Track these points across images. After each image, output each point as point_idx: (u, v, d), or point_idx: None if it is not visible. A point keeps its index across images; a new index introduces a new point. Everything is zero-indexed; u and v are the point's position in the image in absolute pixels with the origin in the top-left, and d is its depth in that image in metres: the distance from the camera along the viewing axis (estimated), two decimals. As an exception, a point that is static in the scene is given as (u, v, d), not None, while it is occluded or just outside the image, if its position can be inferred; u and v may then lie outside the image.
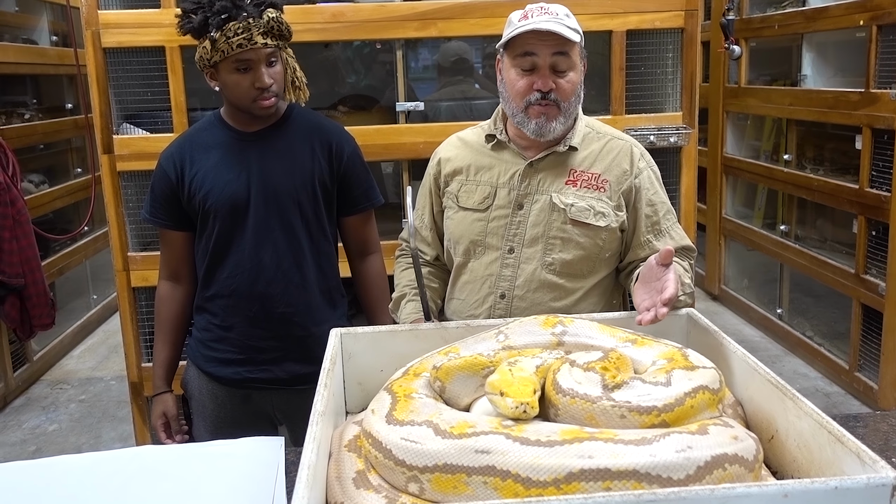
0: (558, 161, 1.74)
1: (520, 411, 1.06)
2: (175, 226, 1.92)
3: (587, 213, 1.70)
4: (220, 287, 1.90)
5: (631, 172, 1.74)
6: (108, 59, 2.75)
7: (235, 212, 1.85)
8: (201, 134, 1.91)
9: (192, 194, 1.86)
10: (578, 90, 1.69)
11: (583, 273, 1.73)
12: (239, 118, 1.87)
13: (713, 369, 1.14)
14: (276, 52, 1.80)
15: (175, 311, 1.98)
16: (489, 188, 1.75)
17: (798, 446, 1.10)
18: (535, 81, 1.64)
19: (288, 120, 1.91)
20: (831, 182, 3.84)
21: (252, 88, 1.78)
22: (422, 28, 2.82)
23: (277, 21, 1.77)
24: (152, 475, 1.41)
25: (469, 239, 1.76)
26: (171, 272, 1.97)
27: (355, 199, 1.98)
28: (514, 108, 1.69)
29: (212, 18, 1.72)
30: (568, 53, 1.64)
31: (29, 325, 3.80)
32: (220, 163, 1.86)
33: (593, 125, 1.81)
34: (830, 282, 3.88)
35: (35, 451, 3.52)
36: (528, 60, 1.64)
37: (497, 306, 1.74)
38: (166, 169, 1.88)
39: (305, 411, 1.92)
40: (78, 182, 4.87)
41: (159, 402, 1.98)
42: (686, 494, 0.88)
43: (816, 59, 4.08)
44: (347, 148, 1.95)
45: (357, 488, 1.07)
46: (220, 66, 1.77)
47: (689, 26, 2.86)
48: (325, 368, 1.28)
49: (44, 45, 4.80)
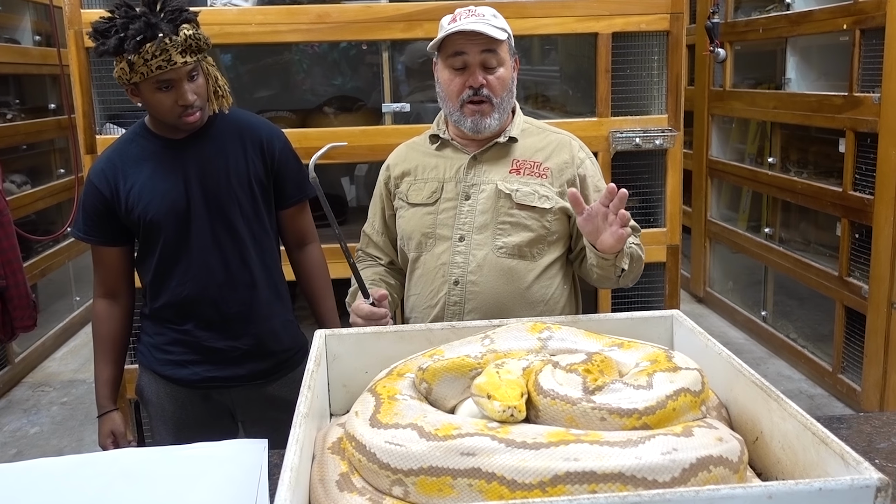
0: (500, 152, 1.83)
1: (507, 415, 1.06)
2: (109, 242, 1.89)
3: (532, 197, 1.78)
4: (170, 296, 1.88)
5: (573, 163, 1.84)
6: (90, 58, 2.73)
7: (178, 220, 1.83)
8: (129, 146, 1.88)
9: (130, 208, 1.83)
10: (510, 85, 1.79)
11: (532, 255, 1.80)
12: (165, 127, 1.85)
13: (696, 371, 1.13)
14: (196, 67, 1.77)
15: (114, 329, 1.95)
16: (436, 183, 1.83)
17: (782, 448, 1.10)
18: (467, 79, 1.74)
19: (215, 122, 1.89)
20: (815, 185, 3.86)
21: (175, 106, 1.75)
22: (408, 29, 2.81)
23: (195, 38, 1.73)
24: (133, 478, 1.39)
25: (420, 232, 1.83)
26: (107, 290, 1.94)
27: (290, 192, 1.98)
28: (451, 108, 1.79)
29: (127, 42, 1.67)
30: (496, 51, 1.74)
31: (10, 326, 3.75)
32: (155, 174, 1.83)
33: (531, 121, 1.92)
34: (814, 284, 3.91)
35: (16, 454, 3.48)
36: (459, 60, 1.74)
37: (452, 293, 1.79)
38: (98, 186, 1.84)
39: (264, 404, 1.95)
40: (61, 183, 4.83)
41: (107, 420, 1.94)
42: (671, 496, 0.87)
43: (800, 63, 4.10)
44: (278, 143, 1.95)
45: (340, 491, 1.06)
46: (142, 86, 1.74)
47: (674, 29, 2.87)
48: (308, 370, 1.27)
49: (27, 44, 4.76)
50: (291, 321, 2.03)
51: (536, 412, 1.09)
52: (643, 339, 1.35)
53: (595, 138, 2.89)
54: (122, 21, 1.70)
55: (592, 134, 2.89)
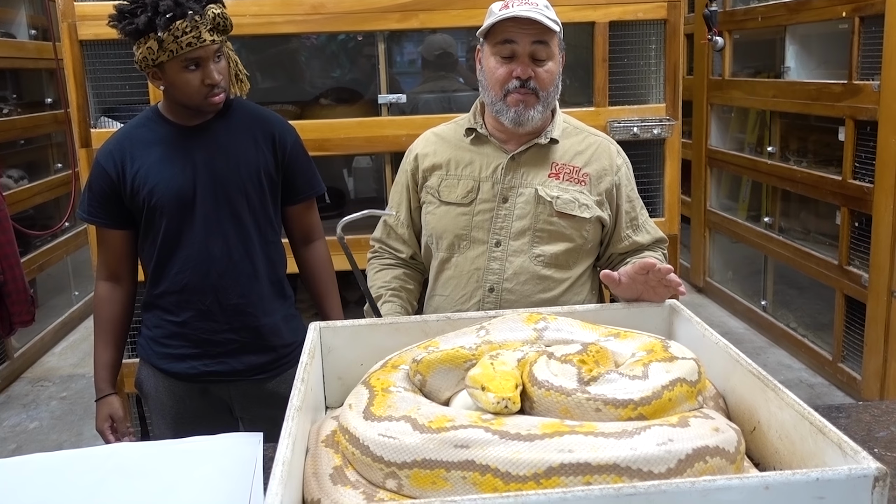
0: (540, 154, 1.75)
1: (501, 406, 1.05)
2: (114, 224, 1.88)
3: (572, 206, 1.72)
4: (171, 283, 1.88)
5: (612, 170, 1.77)
6: (84, 51, 2.71)
7: (182, 206, 1.83)
8: (140, 130, 1.87)
9: (136, 191, 1.83)
10: (557, 81, 1.71)
11: (569, 264, 1.75)
12: (180, 113, 1.84)
13: (692, 360, 1.12)
14: (221, 48, 1.78)
15: (116, 312, 1.94)
16: (472, 182, 1.75)
17: (780, 437, 1.09)
18: (515, 69, 1.66)
19: (228, 112, 1.89)
20: (815, 174, 3.85)
21: (202, 86, 1.76)
22: (403, 20, 2.80)
23: (222, 17, 1.76)
24: (129, 472, 1.39)
25: (453, 233, 1.76)
26: (110, 272, 1.93)
27: (299, 188, 1.98)
28: (493, 97, 1.70)
29: (158, 19, 1.68)
30: (547, 43, 1.66)
31: (9, 322, 3.75)
32: (163, 158, 1.83)
33: (570, 120, 1.84)
34: (814, 273, 3.90)
35: (15, 448, 3.48)
36: (508, 48, 1.65)
37: (486, 300, 1.74)
38: (105, 167, 1.84)
39: (264, 400, 1.94)
40: (58, 177, 4.82)
41: (105, 404, 1.94)
42: (666, 487, 0.86)
43: (800, 51, 4.08)
44: (290, 138, 1.94)
45: (334, 484, 1.05)
46: (167, 66, 1.74)
47: (671, 17, 2.86)
48: (303, 363, 1.26)
49: (22, 38, 4.74)
50: (294, 316, 2.02)
51: (531, 403, 1.08)
52: (640, 329, 1.34)
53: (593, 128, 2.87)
54: (150, 0, 1.70)
55: (590, 123, 2.84)
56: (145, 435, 2.10)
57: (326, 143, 2.86)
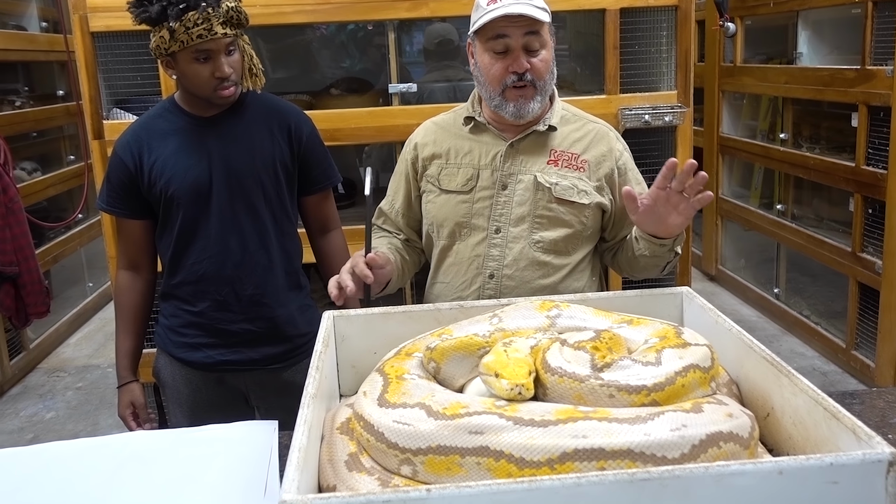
0: (539, 141, 1.76)
1: (515, 393, 1.05)
2: (133, 215, 1.90)
3: (571, 192, 1.73)
4: (188, 273, 1.89)
5: (611, 155, 1.78)
6: (96, 43, 2.72)
7: (199, 197, 1.84)
8: (157, 121, 1.89)
9: (153, 182, 1.84)
10: (552, 67, 1.71)
11: (568, 250, 1.76)
12: (195, 104, 1.86)
13: (705, 346, 1.12)
14: (234, 41, 1.78)
15: (136, 300, 1.96)
16: (472, 170, 1.76)
17: (794, 423, 1.09)
18: (510, 64, 1.65)
19: (244, 103, 1.89)
20: (827, 160, 3.83)
21: (212, 78, 1.76)
22: (413, 9, 2.79)
23: (236, 10, 1.75)
24: (145, 460, 1.40)
25: (454, 221, 1.77)
26: (129, 262, 1.95)
27: (315, 178, 1.99)
28: (491, 93, 1.70)
29: (170, 9, 1.69)
30: (539, 32, 1.66)
31: (24, 313, 3.78)
32: (180, 149, 1.84)
33: (568, 107, 1.84)
34: (827, 261, 3.88)
35: (32, 438, 3.52)
36: (501, 43, 1.65)
37: (486, 286, 1.75)
38: (123, 158, 1.85)
39: (279, 389, 1.95)
40: (71, 169, 4.85)
41: (126, 391, 1.97)
42: (680, 473, 0.87)
43: (812, 37, 4.05)
44: (306, 128, 1.95)
45: (349, 471, 1.06)
46: (179, 56, 1.75)
47: (683, 4, 2.84)
48: (317, 351, 1.27)
49: (33, 31, 4.76)
50: (310, 306, 2.03)
51: (544, 390, 1.09)
52: (653, 316, 1.34)
53: (604, 116, 2.82)
54: None
55: (601, 111, 2.85)
56: (163, 423, 2.12)
57: (337, 132, 2.86)
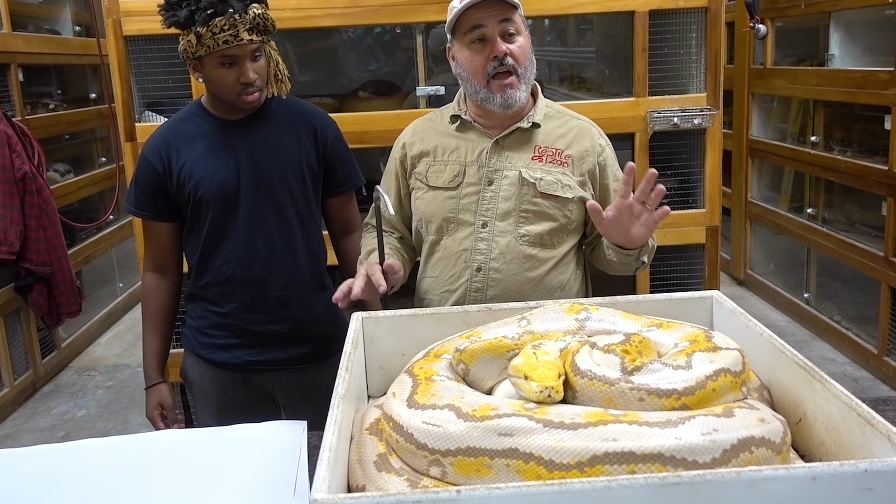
0: (523, 138, 1.81)
1: (544, 395, 1.05)
2: (161, 217, 1.92)
3: (555, 186, 1.77)
4: (215, 275, 1.91)
5: (593, 151, 1.82)
6: (129, 47, 2.76)
7: (226, 199, 1.86)
8: (184, 124, 1.91)
9: (182, 185, 1.86)
10: (531, 55, 1.76)
11: (553, 243, 1.80)
12: (222, 107, 1.88)
13: (736, 350, 1.12)
14: (260, 47, 1.80)
15: (163, 302, 1.99)
16: (458, 167, 1.81)
17: (826, 429, 1.08)
18: (489, 52, 1.70)
19: (270, 107, 1.91)
20: (859, 163, 3.77)
21: (237, 83, 1.78)
22: (441, 11, 2.77)
23: (263, 17, 1.77)
24: (175, 458, 1.42)
25: (442, 216, 1.81)
26: (157, 264, 1.98)
27: (339, 180, 2.01)
28: (477, 86, 1.74)
29: (198, 14, 1.71)
30: (512, 19, 1.71)
31: (56, 312, 3.85)
32: (208, 152, 1.86)
33: (552, 105, 1.89)
34: (858, 265, 3.82)
35: (64, 436, 3.57)
36: (478, 33, 1.71)
37: (474, 279, 1.79)
38: (152, 160, 1.88)
39: (306, 388, 1.97)
40: (103, 171, 4.92)
41: (154, 392, 1.99)
42: (711, 477, 0.86)
43: (844, 39, 4.00)
44: (331, 131, 1.97)
45: (379, 471, 1.07)
46: (205, 60, 1.77)
47: (712, 6, 2.82)
48: (346, 352, 1.28)
49: (67, 35, 4.83)
50: (333, 306, 2.04)
51: (574, 393, 1.08)
52: (683, 320, 1.33)
53: (632, 118, 2.85)
54: None
55: (630, 114, 2.86)
56: (189, 423, 2.14)
57: (365, 135, 2.87)
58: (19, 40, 4.03)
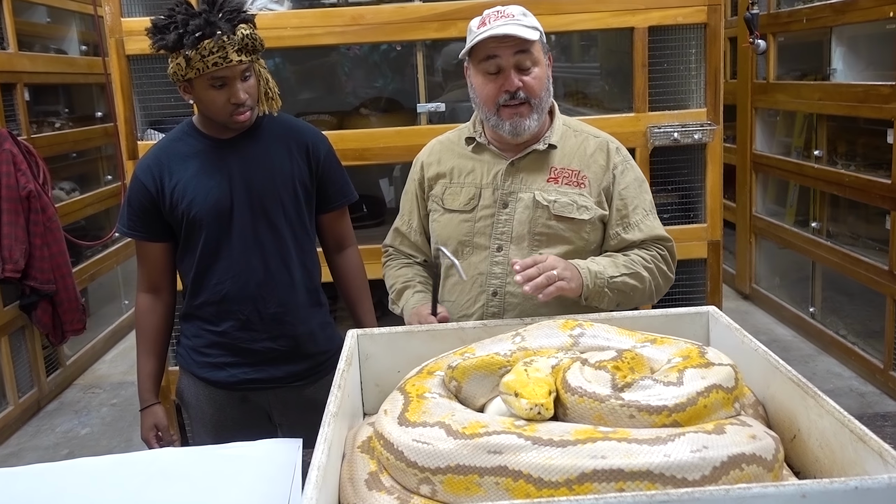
0: (539, 159, 1.78)
1: (534, 413, 1.05)
2: (154, 238, 1.92)
3: (570, 208, 1.74)
4: (210, 294, 1.91)
5: (608, 168, 1.79)
6: (131, 65, 2.79)
7: (220, 218, 1.86)
8: (176, 144, 1.91)
9: (175, 205, 1.86)
10: (546, 84, 1.74)
11: None
12: (213, 126, 1.89)
13: (729, 366, 1.11)
14: (249, 67, 1.81)
15: (157, 323, 1.98)
16: (474, 189, 1.79)
17: (820, 446, 1.07)
18: (502, 83, 1.69)
19: (262, 124, 1.92)
20: (863, 177, 3.76)
21: (228, 104, 1.79)
22: (441, 29, 2.82)
23: (251, 37, 1.78)
24: (171, 476, 1.42)
25: (457, 240, 1.79)
26: (150, 285, 1.97)
27: (332, 196, 2.01)
28: (487, 113, 1.74)
29: (186, 38, 1.72)
30: (529, 51, 1.69)
31: (61, 330, 3.86)
32: (200, 171, 1.87)
33: (570, 123, 1.86)
34: (864, 279, 3.81)
35: (68, 454, 3.57)
36: (493, 63, 1.69)
37: (490, 304, 1.77)
38: (144, 182, 1.88)
39: (302, 406, 1.96)
40: (108, 189, 4.95)
41: (149, 414, 1.98)
42: (700, 495, 0.86)
43: (847, 53, 4.00)
44: (323, 147, 1.98)
45: (369, 490, 1.07)
46: (195, 82, 1.78)
47: (712, 21, 2.83)
48: (340, 369, 1.28)
49: (73, 54, 4.88)
50: (329, 323, 2.04)
51: (564, 410, 1.08)
52: (679, 336, 1.32)
53: (633, 134, 2.86)
54: (182, 18, 1.74)
55: (630, 129, 2.86)
56: (185, 443, 2.13)
57: (366, 152, 2.89)
58: (25, 60, 4.07)
